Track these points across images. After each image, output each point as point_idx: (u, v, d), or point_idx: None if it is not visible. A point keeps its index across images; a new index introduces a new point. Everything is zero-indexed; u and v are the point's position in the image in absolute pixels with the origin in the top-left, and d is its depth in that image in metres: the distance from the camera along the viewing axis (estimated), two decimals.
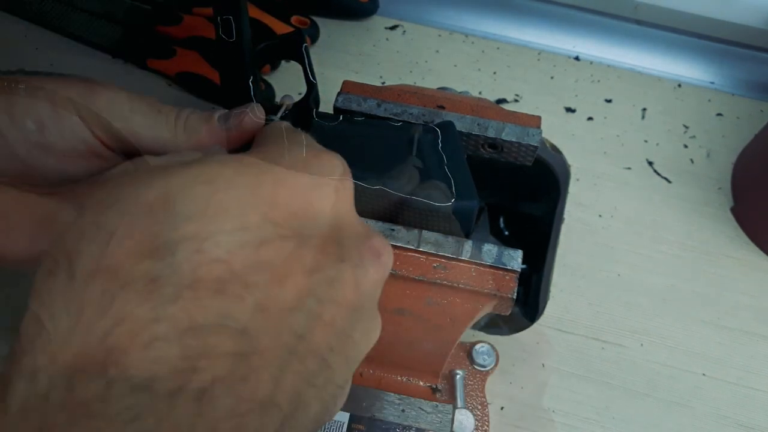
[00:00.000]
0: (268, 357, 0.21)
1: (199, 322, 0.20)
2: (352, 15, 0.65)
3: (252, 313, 0.21)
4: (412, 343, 0.39)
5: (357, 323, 0.24)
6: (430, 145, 0.39)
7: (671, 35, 0.65)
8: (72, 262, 0.20)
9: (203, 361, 0.20)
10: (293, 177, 0.23)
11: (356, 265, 0.24)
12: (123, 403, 0.19)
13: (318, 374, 0.23)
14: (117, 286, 0.20)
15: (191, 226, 0.20)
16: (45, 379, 0.19)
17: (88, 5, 0.63)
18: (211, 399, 0.20)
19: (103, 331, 0.19)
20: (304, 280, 0.22)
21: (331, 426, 0.37)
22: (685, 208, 0.56)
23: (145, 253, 0.20)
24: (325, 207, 0.23)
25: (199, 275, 0.20)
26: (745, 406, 0.47)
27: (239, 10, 0.37)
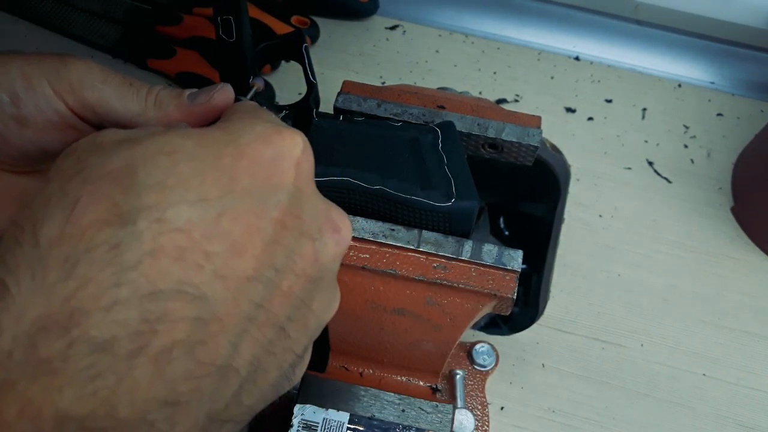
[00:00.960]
0: (227, 324, 0.22)
1: (159, 287, 0.20)
2: (352, 15, 0.65)
3: (211, 281, 0.21)
4: (412, 343, 0.39)
5: (315, 294, 0.25)
6: (430, 145, 0.39)
7: (671, 35, 0.65)
8: (36, 229, 0.21)
9: (162, 325, 0.20)
10: (254, 150, 0.23)
11: (315, 238, 0.25)
12: (84, 362, 0.19)
13: (276, 342, 0.24)
14: (80, 251, 0.20)
15: (153, 196, 0.21)
16: (8, 337, 0.20)
17: (88, 5, 0.63)
18: (169, 361, 0.20)
19: (66, 293, 0.20)
20: (264, 251, 0.23)
21: (331, 426, 0.37)
22: (685, 208, 0.56)
23: (108, 221, 0.21)
24: (286, 181, 0.24)
25: (159, 243, 0.21)
26: (745, 406, 0.47)
27: (239, 10, 0.37)
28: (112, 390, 0.20)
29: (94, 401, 0.19)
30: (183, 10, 0.63)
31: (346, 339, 0.40)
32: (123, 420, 0.20)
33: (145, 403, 0.20)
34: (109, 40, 0.62)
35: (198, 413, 0.22)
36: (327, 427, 0.37)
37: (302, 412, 0.38)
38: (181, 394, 0.21)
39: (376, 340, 0.40)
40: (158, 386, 0.20)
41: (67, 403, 0.19)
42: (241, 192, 0.22)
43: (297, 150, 0.24)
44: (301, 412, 0.38)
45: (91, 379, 0.19)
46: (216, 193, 0.22)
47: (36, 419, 0.19)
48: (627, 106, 0.61)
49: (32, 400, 0.19)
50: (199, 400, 0.21)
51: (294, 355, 0.25)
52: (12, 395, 0.19)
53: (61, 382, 0.19)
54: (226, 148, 0.23)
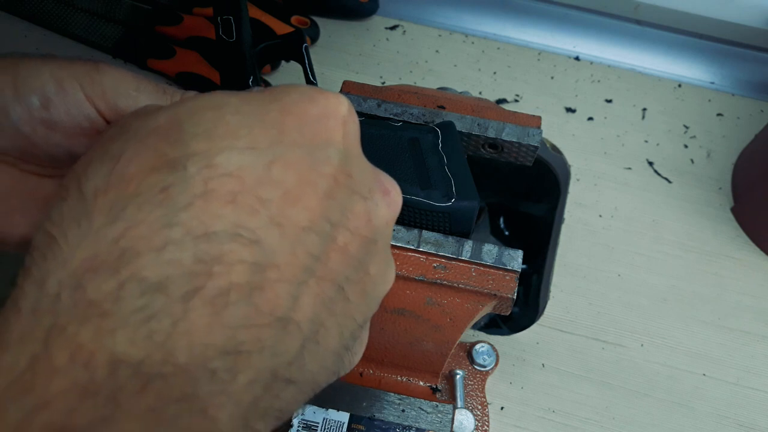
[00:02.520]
0: (285, 273, 0.20)
1: (213, 229, 0.19)
2: (352, 15, 0.65)
3: (266, 227, 0.20)
4: (412, 343, 0.39)
5: (372, 258, 0.24)
6: (430, 145, 0.39)
7: (671, 35, 0.65)
8: (81, 184, 0.20)
9: (219, 267, 0.19)
10: (300, 108, 0.23)
11: (366, 198, 0.24)
12: (136, 303, 0.18)
13: (336, 302, 0.23)
14: (128, 196, 0.19)
15: (201, 144, 0.20)
16: (54, 281, 0.19)
17: (88, 5, 0.63)
18: (227, 305, 0.19)
19: (115, 235, 0.19)
20: (318, 204, 0.22)
21: (331, 426, 0.37)
22: (685, 208, 0.56)
23: (156, 168, 0.20)
24: (334, 138, 0.23)
25: (210, 186, 0.20)
26: (745, 406, 0.47)
27: (239, 10, 0.37)
28: (168, 333, 0.18)
29: (149, 345, 0.18)
30: (183, 10, 0.63)
31: None
32: (182, 366, 0.18)
33: (205, 349, 0.19)
34: (109, 40, 0.62)
35: (260, 366, 0.20)
36: (327, 427, 0.37)
37: (302, 412, 0.38)
38: (241, 343, 0.20)
39: (376, 340, 0.40)
40: (217, 332, 0.19)
41: (120, 346, 0.18)
42: (290, 144, 0.22)
43: (343, 109, 0.24)
44: (301, 412, 0.38)
45: (144, 322, 0.18)
46: (266, 143, 0.21)
47: (89, 364, 0.18)
48: (627, 106, 0.61)
49: (83, 345, 0.18)
50: (260, 352, 0.20)
51: (354, 323, 0.24)
52: (62, 340, 0.18)
53: (113, 324, 0.18)
54: (270, 104, 0.22)
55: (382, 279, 0.25)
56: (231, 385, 0.19)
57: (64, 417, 0.17)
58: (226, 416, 0.19)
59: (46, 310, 0.18)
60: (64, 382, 0.18)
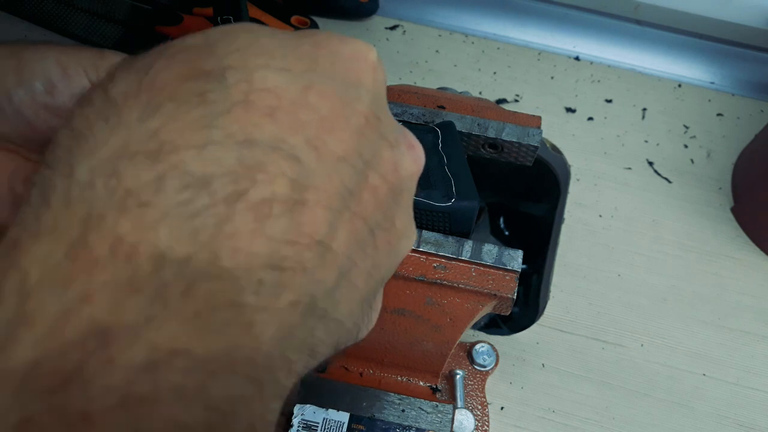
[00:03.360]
0: (323, 196, 0.20)
1: (255, 137, 0.18)
2: (352, 15, 0.65)
3: (304, 147, 0.19)
4: (412, 343, 0.39)
5: (397, 208, 0.24)
6: (430, 145, 0.39)
7: (671, 35, 0.65)
8: (107, 90, 0.19)
9: (261, 175, 0.18)
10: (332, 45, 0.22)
11: (394, 146, 0.23)
12: (179, 196, 0.17)
13: (368, 245, 0.22)
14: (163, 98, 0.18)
15: (237, 60, 0.19)
16: (85, 169, 0.17)
17: (88, 5, 0.63)
18: (270, 216, 0.18)
19: (152, 128, 0.17)
20: (350, 138, 0.21)
21: (331, 426, 0.37)
22: (685, 208, 0.56)
23: (191, 76, 0.19)
24: (366, 80, 0.22)
25: (249, 98, 0.19)
26: (745, 406, 0.47)
27: (239, 10, 0.38)
28: (213, 234, 0.17)
29: (194, 243, 0.17)
30: (183, 10, 0.63)
31: None
32: (227, 270, 0.17)
33: (250, 257, 0.18)
34: (109, 41, 0.62)
35: (303, 289, 0.19)
36: (327, 427, 0.37)
37: (302, 412, 0.38)
38: (285, 259, 0.18)
39: (376, 340, 0.40)
40: (261, 242, 0.18)
41: (164, 241, 0.16)
42: (324, 74, 0.21)
43: (373, 55, 0.23)
44: (301, 412, 0.38)
45: (189, 218, 0.17)
46: (301, 68, 0.20)
47: (131, 257, 0.16)
48: (627, 106, 0.61)
49: (124, 237, 0.16)
50: (303, 273, 0.19)
51: (379, 275, 0.23)
52: (100, 230, 0.16)
53: (155, 216, 0.17)
54: (302, 38, 0.22)
55: (406, 235, 0.25)
56: (276, 301, 0.18)
57: (108, 314, 0.16)
58: (269, 336, 0.18)
59: (79, 199, 0.17)
60: (107, 276, 0.16)
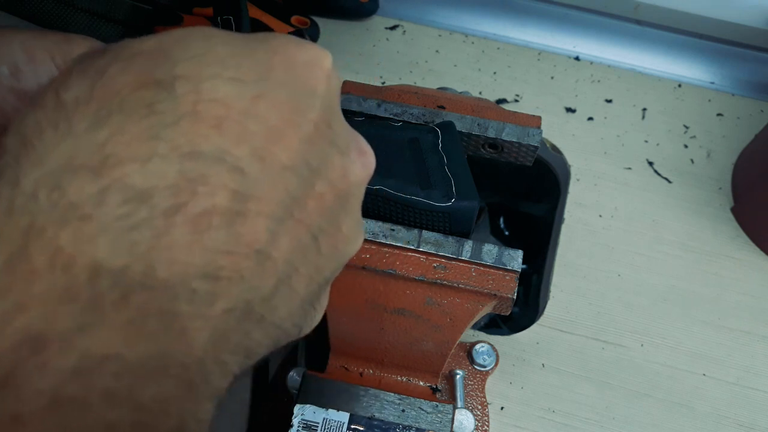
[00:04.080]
0: (265, 206, 0.20)
1: (200, 149, 0.19)
2: (352, 15, 0.65)
3: (249, 158, 0.20)
4: (412, 343, 0.39)
5: (344, 214, 0.24)
6: (430, 145, 0.39)
7: (671, 35, 0.65)
8: (60, 93, 0.19)
9: (203, 187, 0.19)
10: (287, 51, 0.22)
11: (344, 153, 0.24)
12: (120, 210, 0.18)
13: (310, 250, 0.23)
14: (113, 106, 0.19)
15: (189, 68, 0.20)
16: (30, 180, 0.18)
17: (88, 5, 0.63)
18: (209, 227, 0.19)
19: (99, 140, 0.18)
20: (298, 146, 0.21)
21: (331, 426, 0.37)
22: (685, 208, 0.56)
23: (142, 85, 0.19)
24: (319, 87, 0.23)
25: (198, 109, 0.19)
26: (745, 406, 0.47)
27: (239, 10, 0.38)
28: (150, 246, 0.18)
29: (130, 255, 0.18)
30: (183, 10, 0.63)
31: (346, 339, 0.40)
32: (162, 281, 0.18)
33: (186, 268, 0.18)
34: (109, 41, 0.62)
35: (237, 296, 0.20)
36: (327, 427, 0.37)
37: (302, 412, 0.38)
38: (221, 268, 0.19)
39: (376, 340, 0.40)
40: (198, 253, 0.19)
41: (102, 253, 0.17)
42: (276, 82, 0.21)
43: (328, 62, 0.23)
44: (301, 412, 0.38)
45: (127, 230, 0.18)
46: (253, 77, 0.21)
47: (69, 268, 0.17)
48: (627, 106, 0.61)
49: (63, 248, 0.17)
50: (239, 282, 0.20)
51: (322, 277, 0.24)
52: (40, 241, 0.17)
53: (95, 229, 0.17)
54: (258, 44, 0.22)
55: (352, 239, 0.25)
56: (210, 309, 0.19)
57: (42, 322, 0.17)
58: (202, 341, 0.19)
59: (22, 210, 0.17)
60: (43, 286, 0.17)
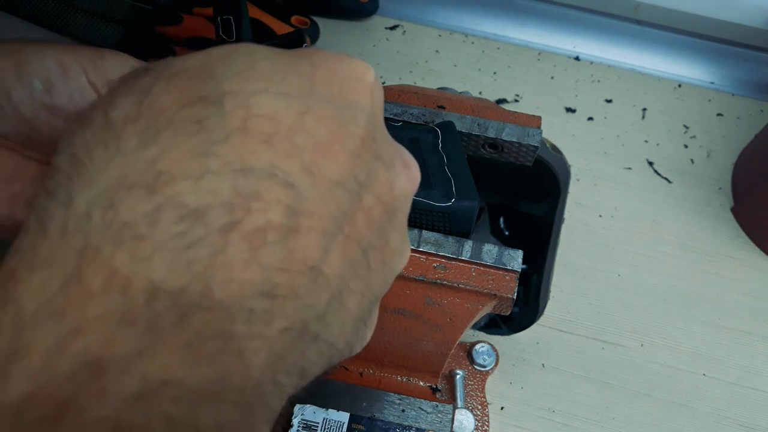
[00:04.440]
0: (317, 222, 0.20)
1: (251, 164, 0.19)
2: (352, 15, 0.65)
3: (300, 173, 0.20)
4: (412, 343, 0.39)
5: (391, 228, 0.24)
6: (430, 145, 0.39)
7: (671, 35, 0.65)
8: (108, 113, 0.19)
9: (257, 203, 0.18)
10: (329, 65, 0.22)
11: (389, 167, 0.23)
12: (175, 228, 0.17)
13: (360, 265, 0.22)
14: (161, 124, 0.18)
15: (235, 83, 0.20)
16: (83, 201, 0.17)
17: (88, 5, 0.63)
18: (264, 244, 0.18)
19: (150, 157, 0.18)
20: (346, 161, 0.21)
21: (331, 426, 0.37)
22: (685, 208, 0.56)
23: (189, 103, 0.19)
24: (363, 101, 0.23)
25: (247, 124, 0.19)
26: (745, 406, 0.47)
27: (239, 10, 0.38)
28: (206, 265, 0.17)
29: (187, 275, 0.17)
30: (183, 10, 0.63)
31: None
32: (219, 301, 0.18)
33: (242, 287, 0.18)
34: (109, 41, 0.62)
35: (294, 315, 0.20)
36: (327, 427, 0.37)
37: (302, 412, 0.38)
38: (277, 287, 0.19)
39: (376, 340, 0.40)
40: (254, 270, 0.18)
41: (158, 274, 0.17)
42: (321, 97, 0.21)
43: (371, 75, 0.23)
44: (301, 412, 0.38)
45: (183, 249, 0.17)
46: (298, 92, 0.21)
47: (126, 290, 0.17)
48: (627, 106, 0.61)
49: (119, 269, 0.17)
50: (294, 300, 0.19)
51: (372, 293, 0.24)
52: (96, 262, 0.17)
53: (151, 249, 0.17)
54: (300, 59, 0.22)
55: (400, 253, 0.25)
56: (267, 329, 0.19)
57: (100, 346, 0.16)
58: (259, 362, 0.19)
59: (76, 231, 0.17)
60: (100, 309, 0.17)
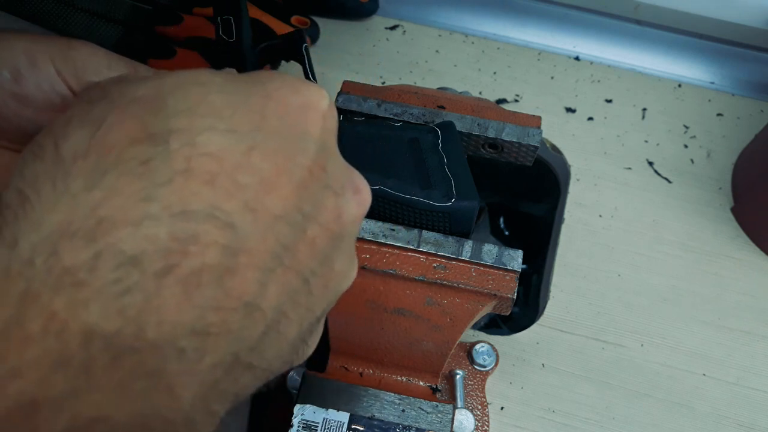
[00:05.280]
0: (256, 259, 0.21)
1: (191, 207, 0.19)
2: (352, 15, 0.65)
3: (241, 211, 0.20)
4: (412, 343, 0.39)
5: (337, 253, 0.25)
6: (430, 145, 0.39)
7: (671, 35, 0.65)
8: (59, 145, 0.20)
9: (193, 247, 0.19)
10: (282, 96, 0.23)
11: (338, 194, 0.24)
12: (112, 275, 0.18)
13: (300, 293, 0.23)
14: (108, 164, 0.19)
15: (184, 120, 0.20)
16: (27, 244, 0.18)
17: (88, 5, 0.63)
18: (199, 286, 0.19)
19: (93, 202, 0.19)
20: (291, 194, 0.22)
21: (331, 426, 0.37)
22: (685, 208, 0.56)
23: (138, 139, 0.20)
24: (313, 131, 0.23)
25: (191, 165, 0.20)
26: (745, 406, 0.47)
27: (239, 10, 0.38)
28: (141, 309, 0.18)
29: (121, 319, 0.18)
30: (183, 10, 0.63)
31: (346, 339, 0.40)
32: (151, 342, 0.19)
33: (174, 328, 0.19)
34: (109, 41, 0.62)
35: (226, 349, 0.21)
36: (327, 427, 0.37)
37: (302, 412, 0.38)
38: (210, 325, 0.20)
39: (376, 340, 0.40)
40: (187, 311, 0.19)
41: (94, 318, 0.18)
42: (270, 131, 0.22)
43: (324, 103, 0.24)
44: (301, 412, 0.38)
45: (119, 295, 0.18)
46: (247, 127, 0.21)
47: (62, 334, 0.18)
48: (627, 106, 0.61)
49: (57, 314, 0.18)
50: (226, 335, 0.20)
51: (314, 316, 0.25)
52: (36, 307, 0.18)
53: (88, 295, 0.18)
54: (254, 88, 0.22)
55: (345, 275, 0.26)
56: (198, 365, 0.20)
57: (36, 387, 0.17)
58: (190, 396, 0.20)
59: (18, 274, 0.18)
60: (37, 351, 0.17)
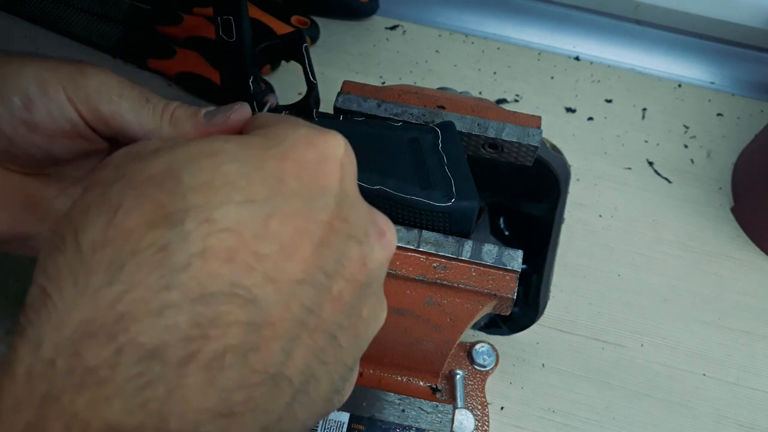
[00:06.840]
0: (279, 329, 0.21)
1: (210, 290, 0.19)
2: (352, 15, 0.65)
3: (262, 284, 0.20)
4: (412, 343, 0.39)
5: (365, 301, 0.24)
6: (430, 145, 0.39)
7: (671, 35, 0.65)
8: (78, 235, 0.20)
9: (214, 330, 0.19)
10: (298, 153, 0.23)
11: (362, 242, 0.24)
12: (133, 370, 0.18)
13: (328, 351, 0.23)
14: (126, 254, 0.19)
15: (199, 196, 0.20)
16: (50, 345, 0.19)
17: (88, 5, 0.63)
18: (222, 368, 0.19)
19: (112, 298, 0.19)
20: (313, 255, 0.22)
21: (331, 426, 0.37)
22: (685, 208, 0.56)
23: (154, 223, 0.20)
24: (332, 183, 0.23)
25: (208, 244, 0.20)
26: (745, 406, 0.47)
27: (239, 10, 0.38)
28: (163, 401, 0.19)
29: (143, 413, 0.18)
30: (183, 10, 0.63)
31: None
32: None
33: (198, 414, 0.19)
34: (109, 40, 0.62)
35: (252, 425, 0.21)
36: (327, 427, 0.37)
37: None
38: (234, 405, 0.20)
39: (376, 340, 0.40)
40: (211, 396, 0.19)
41: (116, 415, 0.18)
42: (288, 194, 0.22)
43: (340, 151, 0.24)
44: None
45: (140, 390, 0.18)
46: (264, 194, 0.21)
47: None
48: (627, 106, 0.61)
49: (78, 414, 0.18)
50: (252, 411, 0.20)
51: (345, 366, 0.24)
52: (56, 409, 0.18)
53: (110, 392, 0.18)
54: (269, 150, 0.22)
55: (374, 319, 0.25)
56: None
57: None
58: None
59: (40, 376, 0.18)
60: None
